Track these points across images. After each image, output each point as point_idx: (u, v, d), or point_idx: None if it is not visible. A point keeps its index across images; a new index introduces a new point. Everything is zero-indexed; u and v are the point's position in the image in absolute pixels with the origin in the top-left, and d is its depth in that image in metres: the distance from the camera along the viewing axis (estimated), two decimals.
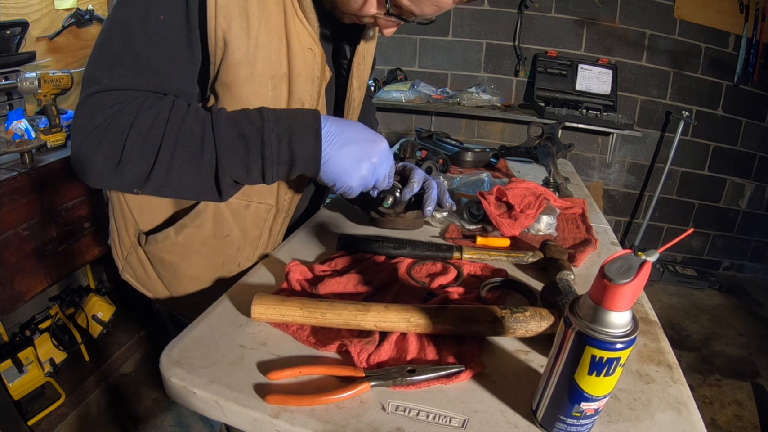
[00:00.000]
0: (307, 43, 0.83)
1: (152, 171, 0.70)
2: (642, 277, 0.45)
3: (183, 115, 0.72)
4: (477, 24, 3.28)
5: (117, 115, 0.68)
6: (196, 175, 0.73)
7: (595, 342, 0.48)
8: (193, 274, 0.97)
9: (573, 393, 0.51)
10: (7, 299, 1.52)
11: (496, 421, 0.56)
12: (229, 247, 0.94)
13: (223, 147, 0.72)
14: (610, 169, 3.49)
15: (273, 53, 0.78)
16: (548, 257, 0.93)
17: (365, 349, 0.63)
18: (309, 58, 0.84)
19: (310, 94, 0.87)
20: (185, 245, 0.93)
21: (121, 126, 0.68)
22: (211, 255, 0.95)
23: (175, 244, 0.93)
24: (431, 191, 0.98)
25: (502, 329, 0.66)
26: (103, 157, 0.69)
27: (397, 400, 0.57)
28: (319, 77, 0.87)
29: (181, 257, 0.94)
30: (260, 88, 0.79)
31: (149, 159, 0.70)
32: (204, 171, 0.73)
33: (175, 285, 1.00)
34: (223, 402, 0.57)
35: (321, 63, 0.87)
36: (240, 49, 0.74)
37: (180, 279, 0.98)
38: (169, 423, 1.98)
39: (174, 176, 0.72)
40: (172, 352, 0.64)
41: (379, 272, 0.86)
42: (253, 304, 0.68)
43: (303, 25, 0.81)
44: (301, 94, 0.85)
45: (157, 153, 0.70)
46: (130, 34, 0.69)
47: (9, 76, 1.74)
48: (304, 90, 0.85)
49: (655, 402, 0.61)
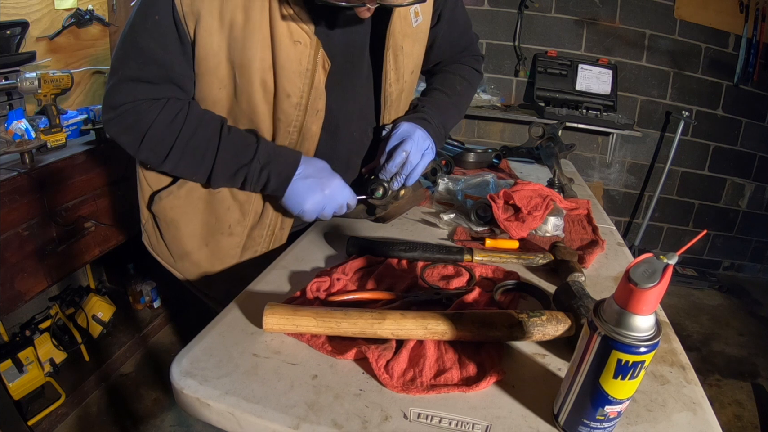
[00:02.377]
0: (296, 35, 0.86)
1: (163, 163, 0.91)
2: (665, 281, 0.46)
3: (195, 126, 0.89)
4: (477, 24, 3.26)
5: (139, 110, 0.87)
6: (193, 174, 0.95)
7: (621, 346, 0.47)
8: (191, 231, 1.05)
9: (597, 396, 0.51)
10: (7, 299, 1.50)
11: (518, 426, 0.55)
12: (221, 205, 1.03)
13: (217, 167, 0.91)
14: (610, 169, 3.49)
15: (251, 48, 0.85)
16: (558, 259, 0.93)
17: (383, 356, 0.62)
18: (296, 51, 0.87)
19: (298, 86, 0.90)
20: (186, 200, 1.02)
21: (145, 120, 0.88)
22: (206, 211, 1.04)
23: (177, 198, 1.02)
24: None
25: (519, 334, 0.66)
26: (126, 140, 0.91)
27: (418, 408, 0.57)
28: (309, 69, 0.89)
29: (181, 214, 1.04)
30: (226, 81, 0.91)
31: (161, 155, 0.90)
32: (200, 174, 0.93)
33: (175, 245, 1.08)
34: (240, 414, 0.56)
35: (312, 55, 0.88)
36: (206, 45, 0.85)
37: (180, 238, 1.06)
38: (169, 423, 1.97)
39: (178, 170, 0.95)
40: (182, 363, 0.63)
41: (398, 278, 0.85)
42: (265, 315, 0.66)
43: (290, 18, 0.84)
44: (285, 86, 0.90)
45: (168, 153, 0.90)
46: (135, 32, 0.85)
47: (9, 76, 1.72)
48: (290, 82, 0.89)
49: (671, 403, 0.62)
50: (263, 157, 0.91)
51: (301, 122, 0.95)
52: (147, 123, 0.87)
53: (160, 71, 0.87)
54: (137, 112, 0.87)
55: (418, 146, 1.00)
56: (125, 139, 0.90)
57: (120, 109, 0.87)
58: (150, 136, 0.88)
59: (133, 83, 0.87)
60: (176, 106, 0.89)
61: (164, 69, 0.87)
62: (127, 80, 0.87)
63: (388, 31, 0.96)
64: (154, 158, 0.92)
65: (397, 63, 1.02)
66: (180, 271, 1.13)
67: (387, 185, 0.98)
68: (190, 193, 1.02)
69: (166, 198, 1.03)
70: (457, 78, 1.21)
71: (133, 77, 0.86)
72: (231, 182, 0.94)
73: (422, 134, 1.03)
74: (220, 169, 0.91)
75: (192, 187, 1.01)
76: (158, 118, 0.87)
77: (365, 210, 1.08)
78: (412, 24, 1.02)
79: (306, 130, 0.97)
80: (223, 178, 0.93)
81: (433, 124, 1.07)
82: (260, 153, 0.91)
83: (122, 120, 0.88)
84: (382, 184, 0.97)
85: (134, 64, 0.86)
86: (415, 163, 1.00)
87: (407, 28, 1.01)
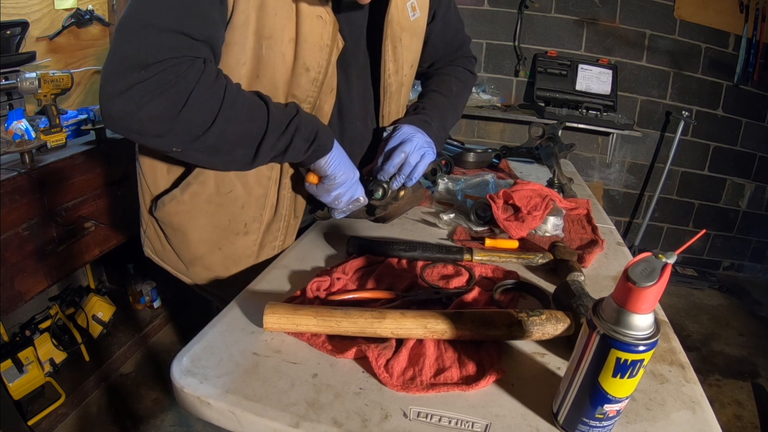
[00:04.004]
0: (317, 10, 0.85)
1: (209, 129, 0.76)
2: (664, 279, 0.46)
3: (236, 88, 0.79)
4: (477, 24, 3.27)
5: (181, 67, 0.71)
6: (244, 138, 0.81)
7: (620, 344, 0.48)
8: (199, 236, 0.99)
9: (596, 395, 0.51)
10: (7, 299, 1.50)
11: (517, 425, 0.56)
12: (233, 204, 0.96)
13: (272, 120, 0.81)
14: (610, 169, 3.50)
15: (280, 18, 0.81)
16: (558, 258, 0.93)
17: (383, 355, 0.62)
18: (319, 25, 0.86)
19: (318, 61, 0.88)
20: (191, 204, 0.95)
21: (188, 79, 0.72)
22: (217, 213, 0.97)
23: (182, 204, 0.95)
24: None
25: (519, 333, 0.66)
26: (163, 105, 0.71)
27: (418, 407, 0.57)
28: (329, 45, 0.89)
29: (188, 219, 0.97)
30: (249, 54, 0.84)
31: (207, 119, 0.75)
32: (252, 135, 0.81)
33: (184, 251, 1.02)
34: (240, 412, 0.56)
35: (332, 31, 0.88)
36: (239, 14, 0.79)
37: (188, 244, 1.00)
38: (169, 423, 1.97)
39: (226, 135, 0.78)
40: (183, 361, 0.63)
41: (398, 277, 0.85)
42: (266, 314, 0.66)
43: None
44: (306, 60, 0.87)
45: (218, 111, 0.75)
46: None
47: (9, 76, 1.72)
48: (311, 56, 0.87)
49: (670, 402, 0.62)
50: (305, 114, 0.88)
51: (315, 99, 0.93)
52: (192, 81, 0.72)
53: (203, 27, 0.74)
54: (178, 68, 0.71)
55: (417, 147, 1.00)
56: (161, 104, 0.71)
57: (157, 66, 0.69)
58: (195, 97, 0.73)
59: (173, 34, 0.71)
60: (214, 68, 0.78)
61: (207, 25, 0.75)
62: (164, 30, 0.71)
63: (386, 20, 0.97)
64: (196, 125, 0.75)
65: (395, 54, 1.02)
66: (191, 277, 1.07)
67: (386, 186, 0.98)
68: (194, 197, 0.95)
69: (170, 203, 0.96)
70: (453, 80, 1.22)
71: (172, 28, 0.71)
72: (281, 141, 0.84)
73: (422, 136, 1.02)
74: (274, 124, 0.81)
75: (196, 190, 0.94)
76: (203, 78, 0.74)
77: (365, 210, 1.08)
78: (410, 17, 1.02)
79: (319, 109, 0.95)
80: (274, 136, 0.82)
81: (433, 126, 1.07)
82: (301, 111, 0.87)
83: (160, 79, 0.70)
84: (381, 185, 0.97)
85: (174, 14, 0.71)
86: (414, 163, 0.99)
87: (405, 21, 1.01)
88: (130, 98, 0.69)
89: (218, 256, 1.01)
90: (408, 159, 0.98)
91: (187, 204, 0.96)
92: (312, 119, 0.88)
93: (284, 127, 0.83)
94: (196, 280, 1.08)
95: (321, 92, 0.92)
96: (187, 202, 0.95)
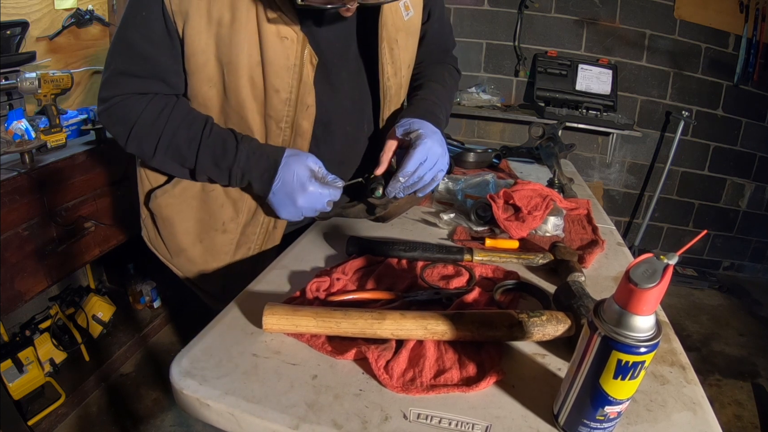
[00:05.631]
0: (282, 31, 0.87)
1: (151, 159, 0.95)
2: (666, 281, 0.46)
3: (177, 125, 0.91)
4: (477, 24, 3.27)
5: (127, 103, 0.91)
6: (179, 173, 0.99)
7: (621, 346, 0.47)
8: (185, 228, 1.07)
9: (597, 397, 0.51)
10: (7, 299, 1.50)
11: (518, 426, 0.55)
12: (214, 203, 1.04)
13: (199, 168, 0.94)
14: (610, 169, 3.49)
15: (238, 44, 0.86)
16: (558, 259, 0.93)
17: (383, 356, 0.62)
18: (284, 46, 0.88)
19: (287, 81, 0.91)
20: (180, 198, 1.04)
21: (130, 116, 0.91)
22: (200, 209, 1.05)
23: (172, 197, 1.04)
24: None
25: (519, 334, 0.66)
26: (116, 132, 0.94)
27: (418, 408, 0.57)
28: (297, 65, 0.90)
29: (176, 212, 1.05)
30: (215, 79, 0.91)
31: (148, 151, 0.93)
32: (184, 173, 0.97)
33: (171, 241, 1.10)
34: (239, 414, 0.56)
35: (299, 50, 0.89)
36: (194, 43, 0.86)
37: (175, 234, 1.08)
38: (169, 423, 1.97)
39: (165, 168, 0.98)
40: (182, 363, 0.63)
41: (398, 278, 0.85)
42: (265, 315, 0.66)
43: (277, 16, 0.85)
44: (273, 82, 0.90)
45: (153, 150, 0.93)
46: (125, 27, 0.88)
47: (9, 76, 1.72)
48: (278, 78, 0.90)
49: (671, 403, 0.62)
50: (243, 161, 0.92)
51: (292, 118, 0.95)
52: (134, 117, 0.90)
53: (147, 66, 0.89)
54: (125, 105, 0.91)
55: (438, 168, 0.96)
56: (115, 131, 0.94)
57: (110, 101, 0.91)
58: (136, 131, 0.91)
59: (122, 77, 0.90)
60: (161, 102, 0.92)
61: (151, 64, 0.89)
62: (117, 74, 0.90)
63: (380, 23, 0.96)
64: (141, 154, 0.96)
65: (393, 56, 1.02)
66: (176, 266, 1.14)
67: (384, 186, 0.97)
68: (184, 191, 1.04)
69: (162, 196, 1.05)
70: (446, 73, 1.21)
71: (122, 71, 0.90)
72: (216, 181, 0.98)
73: (441, 150, 0.97)
74: (201, 171, 0.94)
75: (186, 185, 1.03)
76: (144, 114, 0.90)
77: (365, 210, 1.08)
78: (404, 17, 1.02)
79: (297, 126, 0.97)
80: (205, 179, 0.98)
81: (443, 123, 1.07)
82: (240, 157, 0.92)
83: (112, 113, 0.92)
84: (381, 184, 0.97)
85: (123, 59, 0.89)
86: (429, 180, 0.95)
87: (399, 22, 1.01)
88: (102, 121, 0.94)
89: (199, 249, 1.08)
90: (424, 176, 0.94)
91: (177, 197, 1.04)
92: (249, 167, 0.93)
93: (215, 175, 0.95)
94: (182, 271, 1.14)
95: (297, 111, 0.95)
96: (178, 196, 1.04)
